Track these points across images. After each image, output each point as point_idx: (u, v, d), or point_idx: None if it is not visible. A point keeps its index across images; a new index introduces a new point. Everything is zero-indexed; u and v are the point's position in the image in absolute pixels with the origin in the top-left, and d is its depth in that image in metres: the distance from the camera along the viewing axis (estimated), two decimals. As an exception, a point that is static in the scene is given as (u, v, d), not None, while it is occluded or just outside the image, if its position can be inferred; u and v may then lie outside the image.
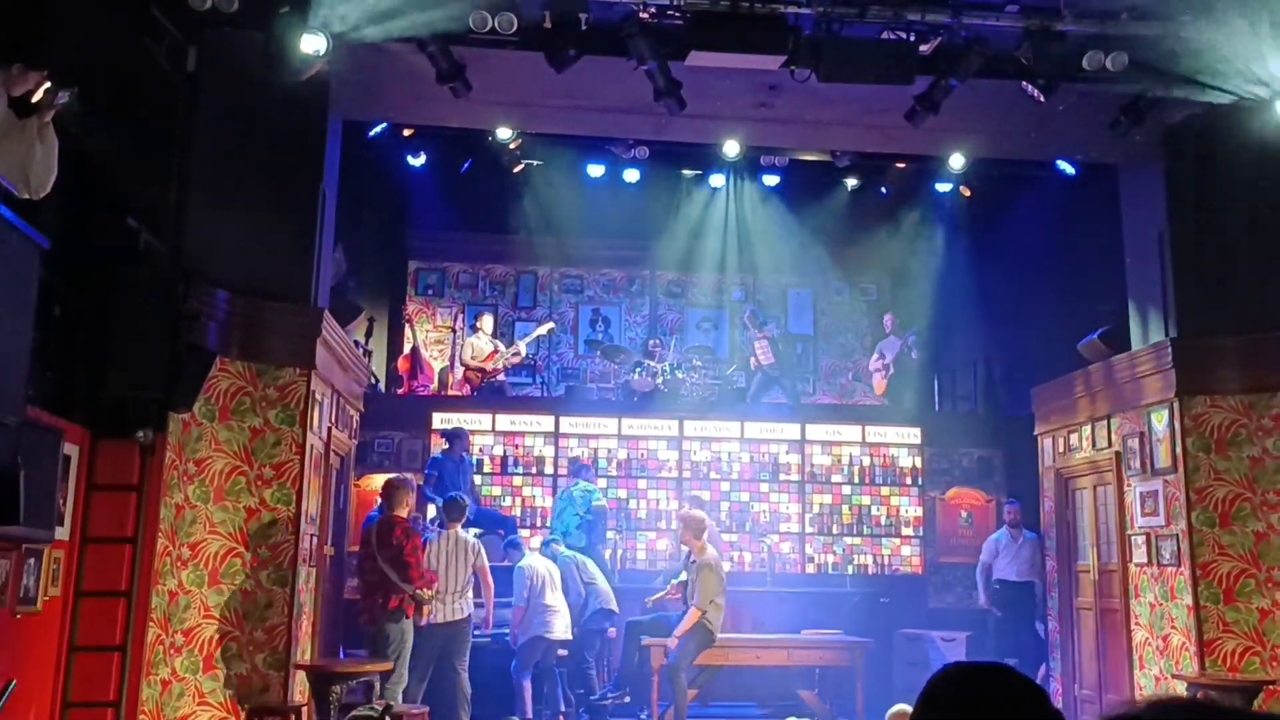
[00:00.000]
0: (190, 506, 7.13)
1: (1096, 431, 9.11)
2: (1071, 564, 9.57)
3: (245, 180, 7.36)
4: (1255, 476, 7.75)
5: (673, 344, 12.34)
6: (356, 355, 9.37)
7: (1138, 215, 8.76)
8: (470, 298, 12.79)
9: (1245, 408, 7.85)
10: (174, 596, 6.98)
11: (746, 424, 11.08)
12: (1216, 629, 7.63)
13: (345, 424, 9.03)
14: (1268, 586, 7.60)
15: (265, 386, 7.51)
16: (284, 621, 7.30)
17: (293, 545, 7.41)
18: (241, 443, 7.38)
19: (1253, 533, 7.69)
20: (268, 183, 7.51)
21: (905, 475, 11.06)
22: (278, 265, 7.55)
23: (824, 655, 8.62)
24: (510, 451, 10.78)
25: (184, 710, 6.93)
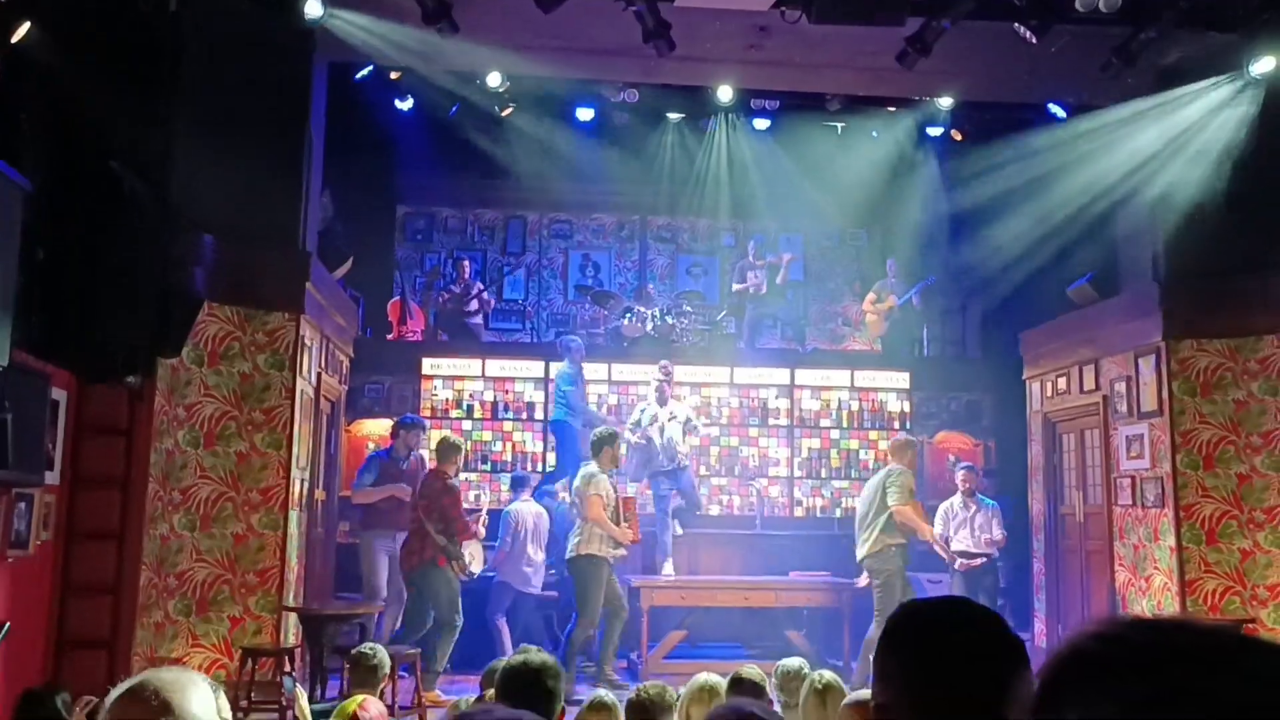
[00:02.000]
0: (180, 451, 7.16)
1: (1084, 375, 9.17)
2: (1057, 507, 9.67)
3: (231, 124, 7.28)
4: (1240, 419, 7.82)
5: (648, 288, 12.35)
6: (345, 300, 9.35)
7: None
8: (459, 242, 12.73)
9: (1231, 351, 7.90)
10: (165, 540, 7.02)
11: (736, 369, 11.10)
12: (1198, 569, 7.74)
13: (335, 369, 9.04)
14: (1249, 528, 7.70)
15: (254, 331, 7.50)
16: (276, 565, 7.36)
17: (284, 490, 7.45)
18: (231, 387, 7.39)
19: (1236, 475, 7.77)
20: (254, 126, 7.44)
21: (894, 419, 11.11)
22: (265, 210, 7.51)
23: (812, 597, 8.73)
24: (500, 397, 10.80)
25: (178, 651, 7.00)
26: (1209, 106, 7.84)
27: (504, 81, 9.41)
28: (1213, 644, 0.56)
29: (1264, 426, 7.74)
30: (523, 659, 3.09)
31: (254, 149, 7.39)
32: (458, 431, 10.61)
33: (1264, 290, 7.71)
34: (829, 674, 4.42)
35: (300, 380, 7.70)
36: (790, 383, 11.13)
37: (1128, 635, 0.58)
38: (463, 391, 10.73)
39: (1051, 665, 0.59)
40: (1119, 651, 0.57)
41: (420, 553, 7.66)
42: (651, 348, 10.98)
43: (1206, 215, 7.81)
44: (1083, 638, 0.60)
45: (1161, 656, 0.55)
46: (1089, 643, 0.59)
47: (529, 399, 10.83)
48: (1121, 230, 8.88)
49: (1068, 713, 0.55)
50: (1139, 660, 0.56)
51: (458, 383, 10.73)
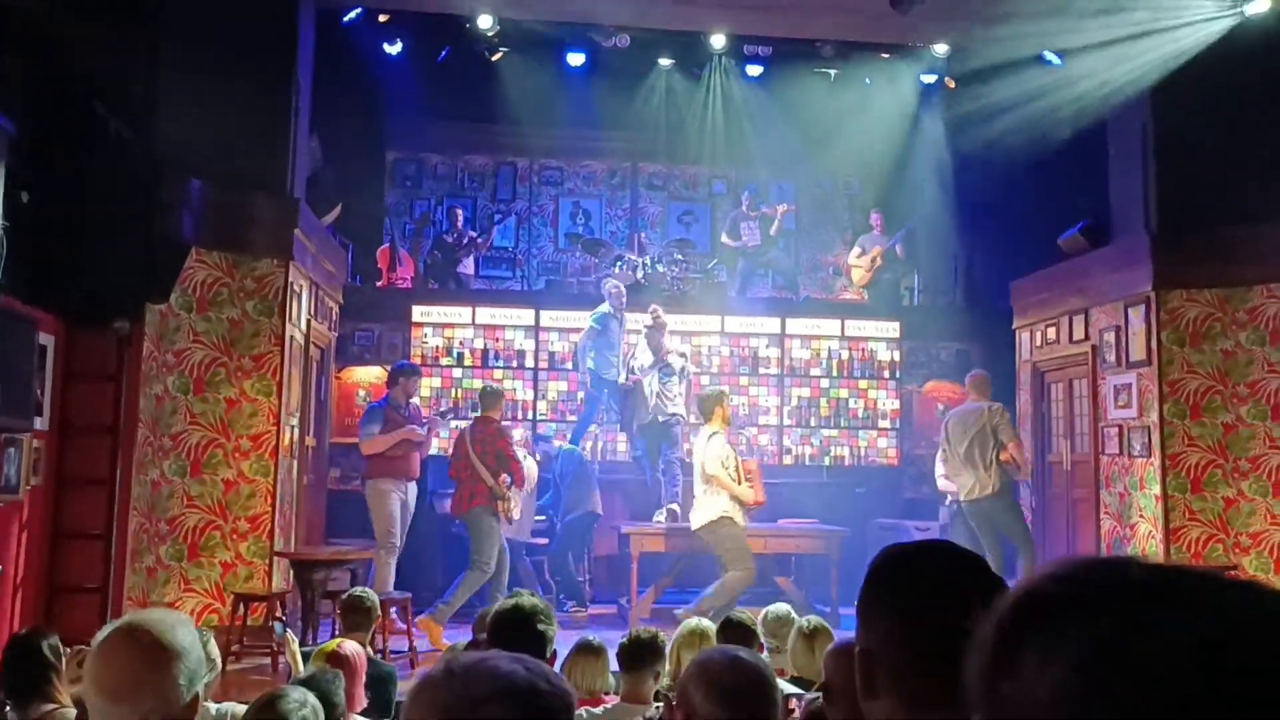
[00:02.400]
0: (170, 397, 7.15)
1: (1074, 325, 9.19)
2: (1044, 456, 9.74)
3: (217, 67, 7.19)
4: (1227, 369, 7.86)
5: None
6: (334, 247, 9.30)
7: (1122, 107, 8.68)
8: (449, 189, 12.63)
9: (1220, 301, 7.92)
10: (156, 486, 7.04)
11: (727, 318, 11.09)
12: (1183, 517, 7.82)
13: (324, 316, 9.01)
14: (1234, 476, 7.77)
15: (242, 277, 7.47)
16: (267, 511, 7.39)
17: (274, 436, 7.47)
18: (220, 334, 7.37)
19: (1222, 424, 7.83)
20: (241, 70, 7.35)
21: (883, 369, 11.14)
22: (252, 155, 7.45)
23: (800, 544, 8.80)
24: (490, 345, 10.78)
25: (170, 596, 7.05)
26: (1201, 43, 7.80)
27: (494, 24, 9.29)
28: (1172, 581, 0.55)
29: (1251, 376, 7.79)
30: (514, 603, 3.11)
31: (241, 93, 7.32)
32: (448, 379, 10.64)
33: (1254, 241, 7.72)
34: (816, 619, 4.47)
35: (290, 327, 7.68)
36: (781, 332, 11.13)
37: (1085, 575, 0.57)
38: (453, 339, 10.71)
39: (1008, 609, 0.58)
40: (1077, 591, 0.56)
41: (472, 499, 7.80)
42: (642, 296, 10.95)
43: (1199, 165, 7.79)
44: (1039, 579, 0.58)
45: (1121, 595, 0.54)
46: (1046, 584, 0.57)
47: (519, 347, 10.82)
48: (1114, 180, 8.86)
49: (1027, 656, 0.54)
50: (1098, 600, 0.54)
51: (448, 330, 10.70)
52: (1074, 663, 0.52)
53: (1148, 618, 0.52)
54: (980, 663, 0.57)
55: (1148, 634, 0.51)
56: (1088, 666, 0.51)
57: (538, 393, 10.78)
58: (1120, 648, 0.51)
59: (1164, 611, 0.52)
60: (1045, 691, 0.52)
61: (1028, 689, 0.53)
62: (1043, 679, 0.52)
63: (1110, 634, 0.52)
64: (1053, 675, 0.52)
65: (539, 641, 2.92)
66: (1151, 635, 0.51)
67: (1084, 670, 0.51)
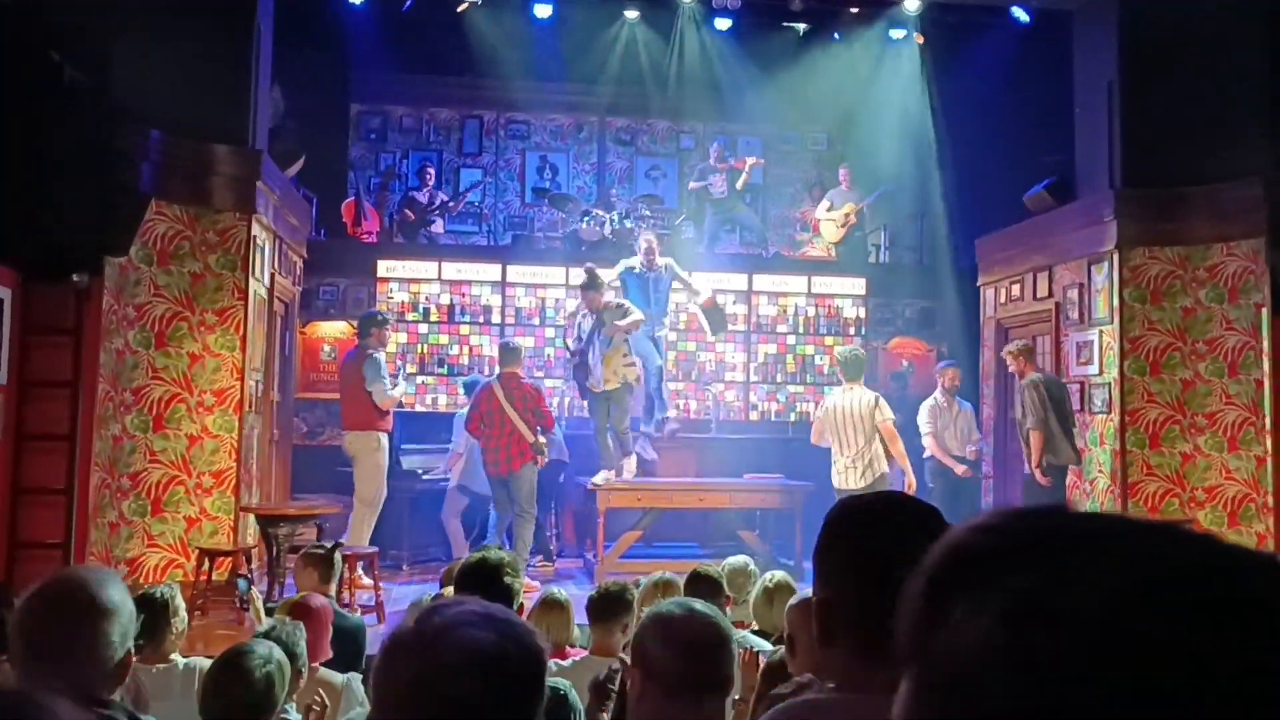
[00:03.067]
0: (131, 352, 7.07)
1: (1038, 282, 9.26)
2: (1006, 412, 9.85)
3: (177, 16, 7.04)
4: (1186, 326, 7.96)
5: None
6: (298, 200, 9.19)
7: (1089, 65, 8.72)
8: (414, 142, 12.49)
9: (1181, 259, 8.01)
10: (118, 441, 6.98)
11: (694, 274, 11.06)
12: (1140, 472, 7.95)
13: (288, 270, 8.92)
14: (1190, 432, 7.90)
15: (204, 230, 7.37)
16: (231, 466, 7.36)
17: (238, 391, 7.41)
18: (182, 287, 7.28)
19: (1180, 380, 7.94)
20: (200, 19, 7.21)
21: (849, 325, 11.19)
22: (213, 105, 7.33)
23: (765, 498, 8.87)
24: (457, 300, 10.72)
25: (134, 552, 7.01)
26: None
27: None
28: (1097, 528, 0.55)
29: (1209, 333, 7.89)
30: (481, 556, 3.12)
31: (201, 42, 7.18)
32: (414, 334, 10.58)
33: (1215, 199, 7.79)
34: (780, 574, 4.52)
35: (253, 281, 7.60)
36: (748, 288, 11.14)
37: (1011, 525, 0.56)
38: (419, 294, 10.63)
39: (935, 560, 0.57)
40: (1001, 543, 0.55)
41: (520, 455, 7.87)
42: (609, 251, 10.92)
43: (1163, 125, 7.83)
44: (966, 531, 0.57)
45: (1046, 544, 0.54)
46: (972, 535, 0.57)
47: (486, 302, 10.76)
48: (1079, 138, 8.89)
49: (954, 609, 0.53)
50: (1023, 551, 0.54)
51: (414, 285, 10.63)
52: (999, 615, 0.51)
53: (1071, 568, 0.52)
54: (909, 615, 0.57)
55: (1069, 585, 0.51)
56: (1011, 619, 0.51)
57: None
58: (1042, 599, 0.51)
59: (1087, 561, 0.52)
60: (972, 644, 0.52)
61: (955, 642, 0.53)
62: (969, 632, 0.52)
63: (1033, 585, 0.51)
64: (979, 628, 0.52)
65: (506, 595, 2.93)
66: (1073, 586, 0.51)
67: (1008, 622, 0.51)
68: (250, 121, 7.68)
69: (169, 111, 6.88)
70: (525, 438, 7.90)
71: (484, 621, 1.24)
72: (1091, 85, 8.64)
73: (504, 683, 1.21)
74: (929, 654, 0.55)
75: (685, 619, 2.04)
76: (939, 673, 0.54)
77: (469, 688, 1.19)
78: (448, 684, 1.19)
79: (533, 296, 10.81)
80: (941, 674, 0.53)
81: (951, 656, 0.53)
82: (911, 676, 0.56)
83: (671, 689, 1.96)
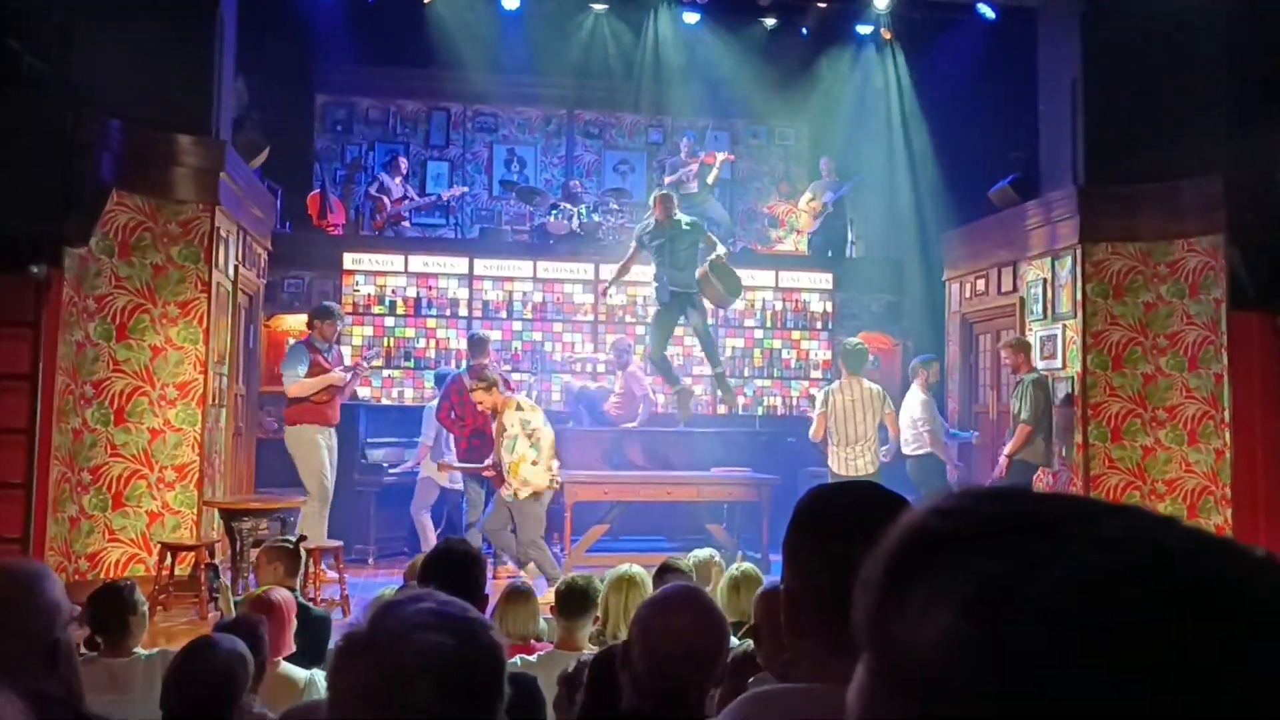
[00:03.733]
0: (92, 344, 6.98)
1: (1002, 277, 9.34)
2: (972, 405, 9.93)
3: (138, 3, 6.94)
4: (1148, 321, 8.06)
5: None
6: (262, 191, 9.10)
7: (1053, 62, 8.80)
8: (380, 134, 12.40)
9: (1143, 255, 8.10)
10: (78, 435, 6.89)
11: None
12: (1102, 465, 8.04)
13: (252, 262, 8.83)
14: (1151, 425, 8.00)
15: (166, 222, 7.28)
16: (194, 460, 7.28)
17: (201, 384, 7.33)
18: (144, 279, 7.19)
19: (1141, 374, 8.04)
20: (162, 8, 7.12)
21: (816, 320, 11.24)
22: (176, 95, 7.23)
23: (732, 492, 8.89)
24: (424, 293, 10.66)
25: (94, 546, 6.93)
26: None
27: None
28: (1062, 511, 0.52)
29: (1170, 328, 7.99)
30: (444, 548, 3.11)
31: (163, 32, 7.09)
32: (380, 328, 10.51)
33: (1177, 196, 7.88)
34: (747, 565, 4.53)
35: (216, 273, 7.52)
36: (715, 282, 11.14)
37: (970, 508, 0.53)
38: (385, 287, 10.56)
39: (893, 546, 0.54)
40: (963, 526, 0.52)
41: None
42: (577, 245, 10.91)
43: (1126, 122, 7.91)
44: (925, 514, 0.54)
45: (1010, 528, 0.51)
46: (931, 519, 0.54)
47: (453, 295, 10.71)
48: (1044, 135, 8.97)
49: (913, 598, 0.50)
50: (987, 534, 0.51)
51: (380, 278, 10.56)
52: (961, 604, 0.49)
53: (1037, 553, 0.49)
54: (866, 601, 0.54)
55: (1035, 571, 0.48)
56: (974, 608, 0.48)
57: (472, 342, 10.68)
58: (1007, 587, 0.48)
59: (1053, 546, 0.49)
60: (932, 636, 0.49)
61: (914, 633, 0.50)
62: (929, 623, 0.49)
63: (997, 572, 0.49)
64: (938, 619, 0.49)
65: (470, 588, 2.92)
66: (1039, 572, 0.48)
67: (971, 612, 0.48)
68: (214, 112, 7.60)
69: (131, 101, 6.78)
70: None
71: (439, 622, 1.22)
72: (1055, 83, 8.72)
73: (462, 685, 1.19)
74: (887, 644, 0.52)
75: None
76: (897, 664, 0.51)
77: (426, 692, 1.17)
78: (404, 689, 1.17)
79: (500, 290, 10.77)
80: (900, 666, 0.51)
81: (911, 648, 0.50)
82: (868, 665, 0.54)
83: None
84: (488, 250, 10.95)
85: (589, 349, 10.80)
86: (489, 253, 10.89)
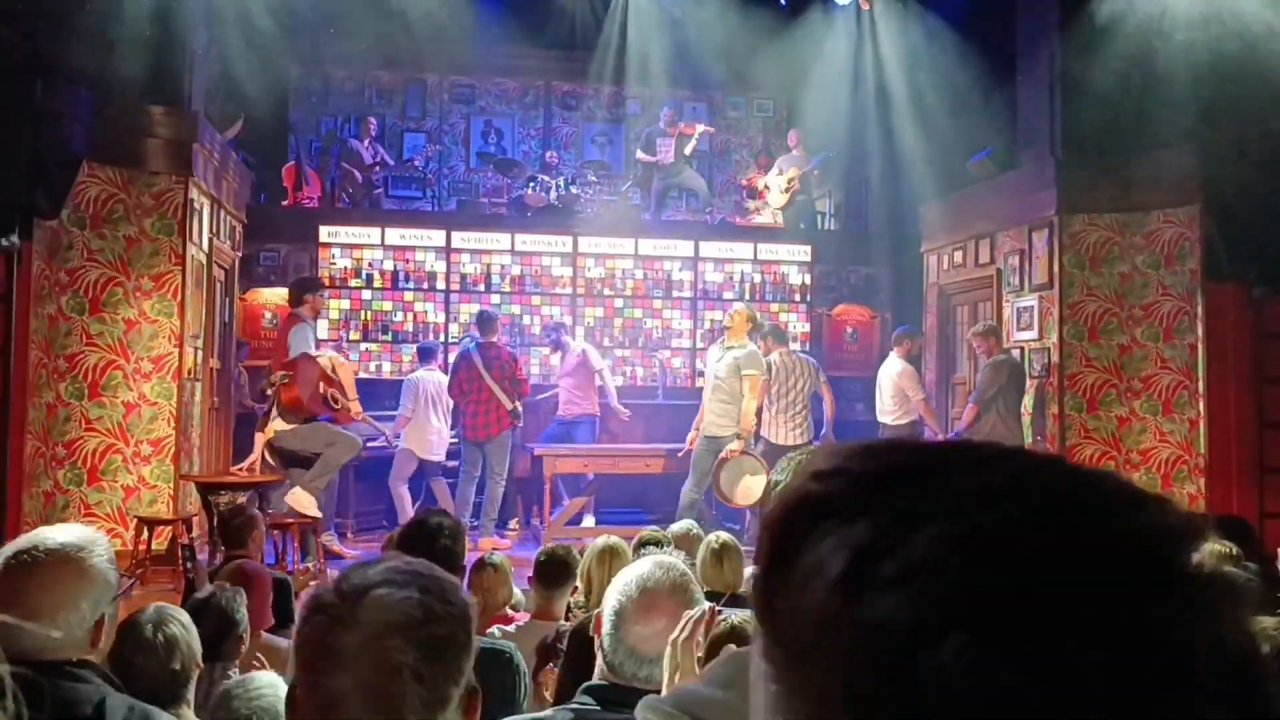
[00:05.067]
0: (65, 318, 6.91)
1: (980, 249, 9.37)
2: (949, 376, 9.98)
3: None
4: (1124, 292, 8.10)
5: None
6: (237, 164, 9.01)
7: (1032, 33, 8.79)
8: (355, 106, 12.28)
9: (1119, 226, 8.13)
10: (52, 409, 6.83)
11: (641, 241, 11.06)
12: (1078, 435, 8.10)
13: (227, 235, 8.76)
14: (1126, 396, 8.05)
15: (139, 194, 7.21)
16: (170, 435, 7.24)
17: (176, 358, 7.28)
18: (117, 252, 7.12)
19: (1117, 345, 8.09)
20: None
21: (795, 292, 11.25)
22: (147, 65, 7.11)
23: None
24: (401, 266, 10.61)
25: (69, 521, 6.88)
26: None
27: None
28: (941, 462, 0.49)
29: (1146, 299, 8.04)
30: (420, 519, 3.10)
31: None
32: (357, 301, 10.45)
33: (1153, 167, 7.91)
34: (725, 535, 4.54)
35: (191, 246, 7.45)
36: (694, 255, 11.15)
37: (849, 467, 0.50)
38: (362, 260, 10.50)
39: (774, 512, 0.50)
40: (840, 487, 0.49)
41: (499, 422, 8.23)
42: (555, 217, 10.87)
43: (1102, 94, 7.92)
44: (803, 476, 0.51)
45: (883, 486, 0.48)
46: (809, 482, 0.50)
47: (430, 268, 10.66)
48: (1021, 106, 8.97)
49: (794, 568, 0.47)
50: (861, 495, 0.48)
51: (356, 251, 10.49)
52: (833, 577, 0.45)
53: (911, 515, 0.45)
54: (755, 576, 0.50)
55: (906, 537, 0.44)
56: (845, 582, 0.45)
57: (449, 315, 10.66)
58: (877, 556, 0.45)
59: (928, 505, 0.45)
60: (811, 611, 0.46)
61: (795, 606, 0.47)
62: (808, 596, 0.46)
63: (868, 540, 0.45)
64: (816, 592, 0.46)
65: (447, 557, 2.92)
66: (910, 538, 0.44)
67: (842, 587, 0.45)
68: (186, 82, 7.51)
69: (103, 71, 6.69)
70: (504, 404, 8.19)
71: (404, 579, 1.22)
72: (1033, 56, 8.72)
73: (429, 639, 1.19)
74: (772, 618, 0.49)
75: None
76: (782, 640, 0.48)
77: (393, 648, 1.17)
78: (371, 644, 1.17)
79: (478, 263, 10.73)
80: (784, 641, 0.48)
81: (792, 623, 0.47)
82: (758, 638, 0.51)
83: None
84: (465, 223, 10.90)
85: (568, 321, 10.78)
86: (466, 225, 10.84)
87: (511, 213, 11.15)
